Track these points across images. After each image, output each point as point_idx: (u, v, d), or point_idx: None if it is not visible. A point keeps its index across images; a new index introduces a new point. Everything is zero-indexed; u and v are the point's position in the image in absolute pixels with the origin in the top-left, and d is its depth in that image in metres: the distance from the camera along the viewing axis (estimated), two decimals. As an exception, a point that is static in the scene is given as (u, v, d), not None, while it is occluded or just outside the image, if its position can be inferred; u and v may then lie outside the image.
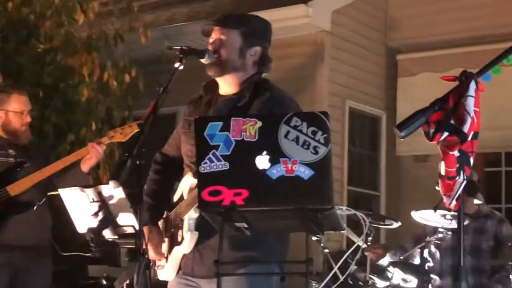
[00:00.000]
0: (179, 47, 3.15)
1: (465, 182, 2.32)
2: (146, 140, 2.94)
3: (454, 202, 2.34)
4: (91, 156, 4.27)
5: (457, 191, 2.32)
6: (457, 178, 2.31)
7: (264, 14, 7.37)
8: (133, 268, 2.82)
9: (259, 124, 2.61)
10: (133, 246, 2.85)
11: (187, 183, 3.06)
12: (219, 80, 3.22)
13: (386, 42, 8.36)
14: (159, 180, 3.25)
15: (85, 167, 4.32)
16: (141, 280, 2.85)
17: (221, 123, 2.64)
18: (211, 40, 3.24)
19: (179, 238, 3.02)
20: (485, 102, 7.88)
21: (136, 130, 4.03)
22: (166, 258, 3.12)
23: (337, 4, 7.78)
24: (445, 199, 2.36)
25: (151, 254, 3.10)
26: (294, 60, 7.74)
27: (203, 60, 3.24)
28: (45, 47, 6.63)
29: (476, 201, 5.37)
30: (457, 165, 2.30)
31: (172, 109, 8.01)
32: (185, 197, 3.07)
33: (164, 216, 3.19)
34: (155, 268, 3.18)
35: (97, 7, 7.01)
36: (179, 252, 3.05)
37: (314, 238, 5.27)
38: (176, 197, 3.14)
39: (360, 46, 8.08)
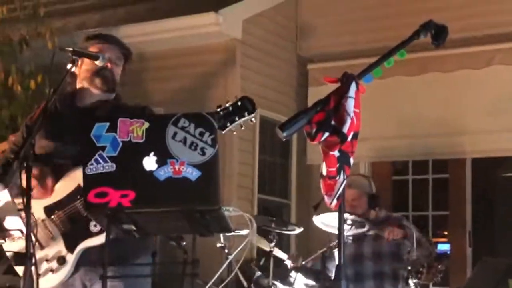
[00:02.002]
0: (71, 49, 3.16)
1: (345, 181, 2.35)
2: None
3: (335, 201, 2.37)
4: None
5: (338, 191, 2.35)
6: (337, 177, 2.34)
7: (176, 22, 7.49)
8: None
9: (147, 125, 2.61)
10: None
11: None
12: (96, 93, 3.25)
13: (297, 51, 8.44)
14: None
15: None
16: (28, 285, 2.79)
17: (107, 124, 2.62)
18: (109, 56, 3.26)
19: (95, 229, 2.99)
20: (392, 111, 8.07)
21: None
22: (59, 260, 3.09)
23: (248, 13, 7.81)
24: (326, 199, 2.39)
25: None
26: (204, 68, 7.75)
27: (97, 62, 3.25)
28: None
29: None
30: (338, 165, 2.34)
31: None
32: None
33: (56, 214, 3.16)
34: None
35: (5, 10, 6.89)
36: (90, 244, 3.03)
37: (218, 245, 5.29)
38: (69, 189, 3.11)
39: (272, 55, 8.14)
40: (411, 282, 4.86)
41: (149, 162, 2.56)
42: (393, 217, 5.47)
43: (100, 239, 3.02)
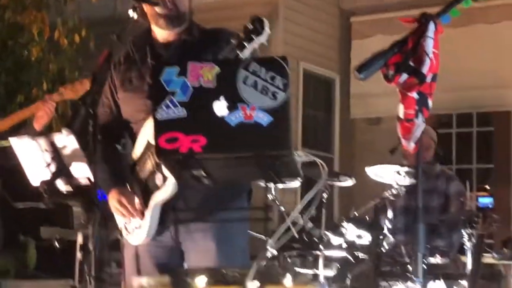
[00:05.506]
0: (132, -6, 3.09)
1: (423, 124, 2.32)
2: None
3: (412, 145, 2.34)
4: (42, 114, 4.20)
5: (415, 134, 2.32)
6: (415, 120, 2.31)
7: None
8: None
9: (217, 69, 2.57)
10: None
11: (151, 128, 2.98)
12: (165, 31, 3.16)
13: (339, 4, 8.34)
14: (104, 148, 3.03)
15: (37, 125, 4.23)
16: (97, 233, 2.79)
17: (178, 68, 2.59)
18: None
19: (159, 182, 2.94)
20: (437, 63, 7.82)
21: (87, 88, 3.95)
22: (143, 214, 3.00)
23: (290, -35, 7.74)
24: (403, 142, 2.36)
25: (129, 216, 3.00)
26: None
27: (157, 9, 3.19)
28: (-8, 5, 6.47)
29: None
30: (416, 107, 2.30)
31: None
32: (152, 142, 2.97)
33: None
34: (125, 235, 3.06)
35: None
36: (159, 198, 2.95)
37: (270, 197, 5.26)
38: (140, 147, 3.05)
39: (314, 7, 8.05)
40: (464, 232, 4.83)
41: (220, 107, 2.53)
42: (447, 174, 5.46)
43: (165, 192, 2.97)
